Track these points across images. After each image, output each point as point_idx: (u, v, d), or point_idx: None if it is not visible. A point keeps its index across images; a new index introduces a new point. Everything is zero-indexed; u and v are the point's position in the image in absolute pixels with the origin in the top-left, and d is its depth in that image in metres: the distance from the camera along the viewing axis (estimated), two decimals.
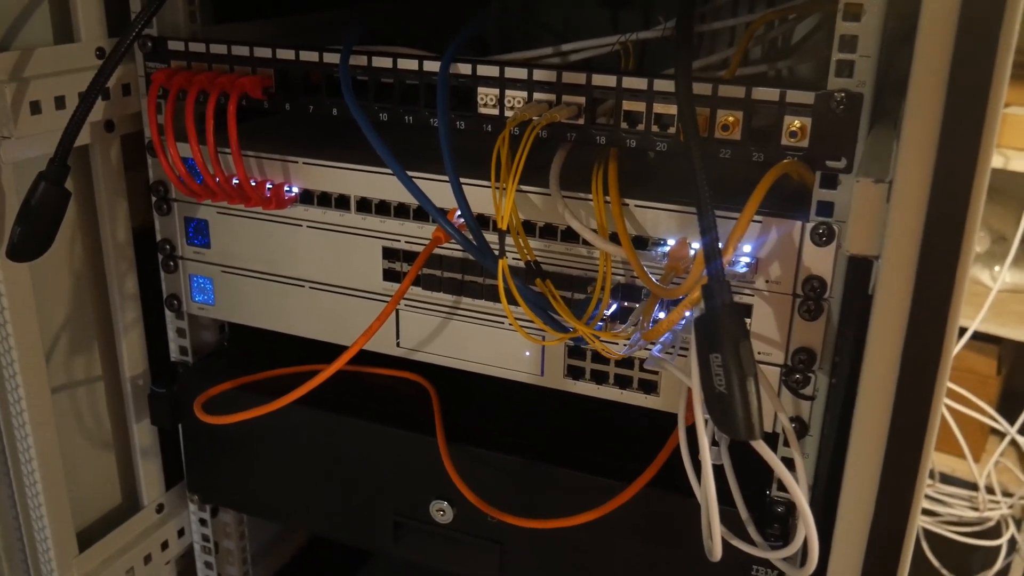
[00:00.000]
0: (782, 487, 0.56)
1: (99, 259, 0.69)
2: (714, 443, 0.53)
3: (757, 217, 0.51)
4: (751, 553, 0.52)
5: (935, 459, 1.21)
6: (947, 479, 1.31)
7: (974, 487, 1.27)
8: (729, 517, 0.53)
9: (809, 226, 0.50)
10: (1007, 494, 1.27)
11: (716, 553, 0.48)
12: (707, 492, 0.47)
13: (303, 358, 0.68)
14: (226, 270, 0.68)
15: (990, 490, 1.27)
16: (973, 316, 1.22)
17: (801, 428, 0.54)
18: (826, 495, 0.52)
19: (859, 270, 0.51)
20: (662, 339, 0.53)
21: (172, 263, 0.69)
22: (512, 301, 0.54)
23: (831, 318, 0.52)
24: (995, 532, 1.24)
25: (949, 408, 1.18)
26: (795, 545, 0.48)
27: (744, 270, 0.52)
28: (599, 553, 0.62)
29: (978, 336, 1.25)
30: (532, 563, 0.64)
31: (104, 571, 0.71)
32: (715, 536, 0.47)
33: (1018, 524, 1.28)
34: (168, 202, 0.68)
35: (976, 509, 1.25)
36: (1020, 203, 1.22)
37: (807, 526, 0.46)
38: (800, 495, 0.46)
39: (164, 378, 0.73)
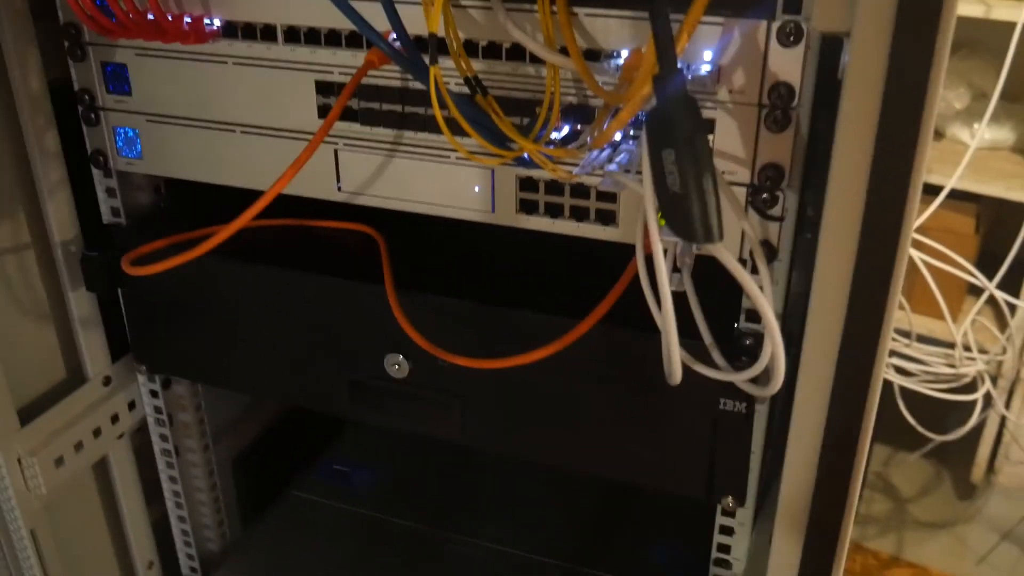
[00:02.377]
0: (750, 318, 0.53)
1: (13, 114, 0.64)
2: (676, 269, 0.50)
3: (718, 18, 0.46)
4: (715, 377, 0.49)
5: (912, 320, 1.20)
6: (924, 339, 1.30)
7: (951, 346, 1.26)
8: (694, 350, 0.50)
9: (775, 25, 0.45)
10: (983, 351, 1.26)
11: (676, 376, 0.45)
12: (665, 313, 0.44)
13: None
14: (151, 119, 0.62)
15: (967, 348, 1.26)
16: (951, 174, 1.18)
17: (770, 252, 0.50)
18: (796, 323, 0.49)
19: (829, 75, 0.47)
20: (618, 159, 0.49)
21: (93, 115, 0.64)
22: (455, 129, 0.49)
23: (800, 130, 0.48)
24: (971, 388, 1.23)
25: (928, 266, 1.16)
26: (761, 364, 0.46)
27: (704, 75, 0.48)
28: (563, 399, 0.59)
29: (956, 195, 1.21)
30: (494, 415, 0.62)
31: (49, 445, 0.68)
32: (674, 358, 0.44)
33: (993, 380, 1.27)
34: (82, 46, 0.62)
35: (952, 366, 1.24)
36: (1001, 56, 1.16)
37: (773, 341, 0.42)
38: (767, 307, 0.42)
39: (97, 241, 0.68)
